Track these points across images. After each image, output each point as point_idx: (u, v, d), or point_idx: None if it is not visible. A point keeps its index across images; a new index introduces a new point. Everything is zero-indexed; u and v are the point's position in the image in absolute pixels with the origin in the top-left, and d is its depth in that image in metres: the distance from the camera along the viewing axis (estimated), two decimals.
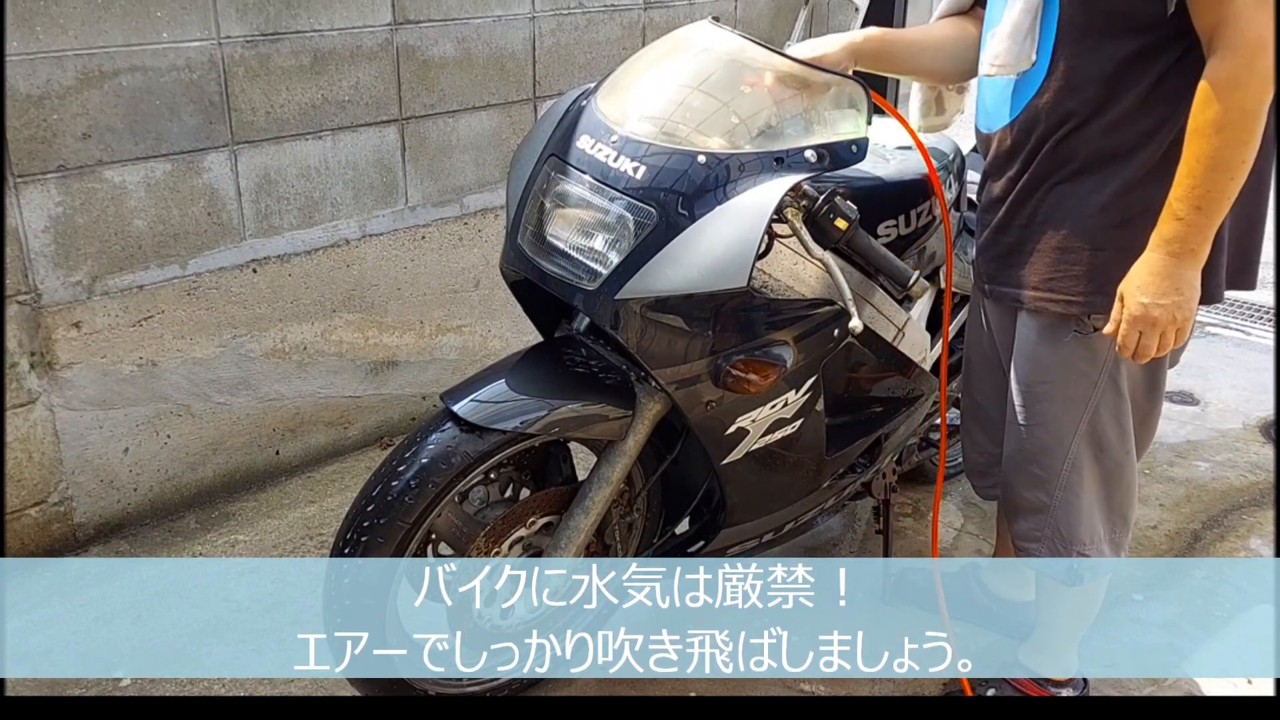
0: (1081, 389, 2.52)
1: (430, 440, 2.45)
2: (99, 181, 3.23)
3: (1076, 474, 2.59)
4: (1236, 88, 2.09)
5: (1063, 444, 2.58)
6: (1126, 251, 2.31)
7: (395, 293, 4.06)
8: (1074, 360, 2.50)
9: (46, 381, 3.28)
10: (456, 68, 4.00)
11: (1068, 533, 2.65)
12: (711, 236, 2.25)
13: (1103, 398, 2.51)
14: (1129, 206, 2.32)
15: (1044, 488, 2.65)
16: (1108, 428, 2.55)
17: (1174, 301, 2.22)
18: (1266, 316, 5.67)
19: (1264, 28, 2.06)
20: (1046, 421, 2.59)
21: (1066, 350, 2.50)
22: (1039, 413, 2.60)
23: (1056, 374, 2.54)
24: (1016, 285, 2.52)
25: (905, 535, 3.69)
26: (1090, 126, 2.31)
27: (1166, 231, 2.20)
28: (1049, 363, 2.54)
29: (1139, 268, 2.25)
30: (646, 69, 2.58)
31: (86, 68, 3.12)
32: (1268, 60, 2.08)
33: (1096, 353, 2.46)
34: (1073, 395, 2.53)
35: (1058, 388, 2.55)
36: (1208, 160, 2.13)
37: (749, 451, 2.65)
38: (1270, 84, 2.11)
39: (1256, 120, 2.12)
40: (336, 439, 4.10)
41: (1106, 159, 2.32)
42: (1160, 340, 2.27)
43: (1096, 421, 2.54)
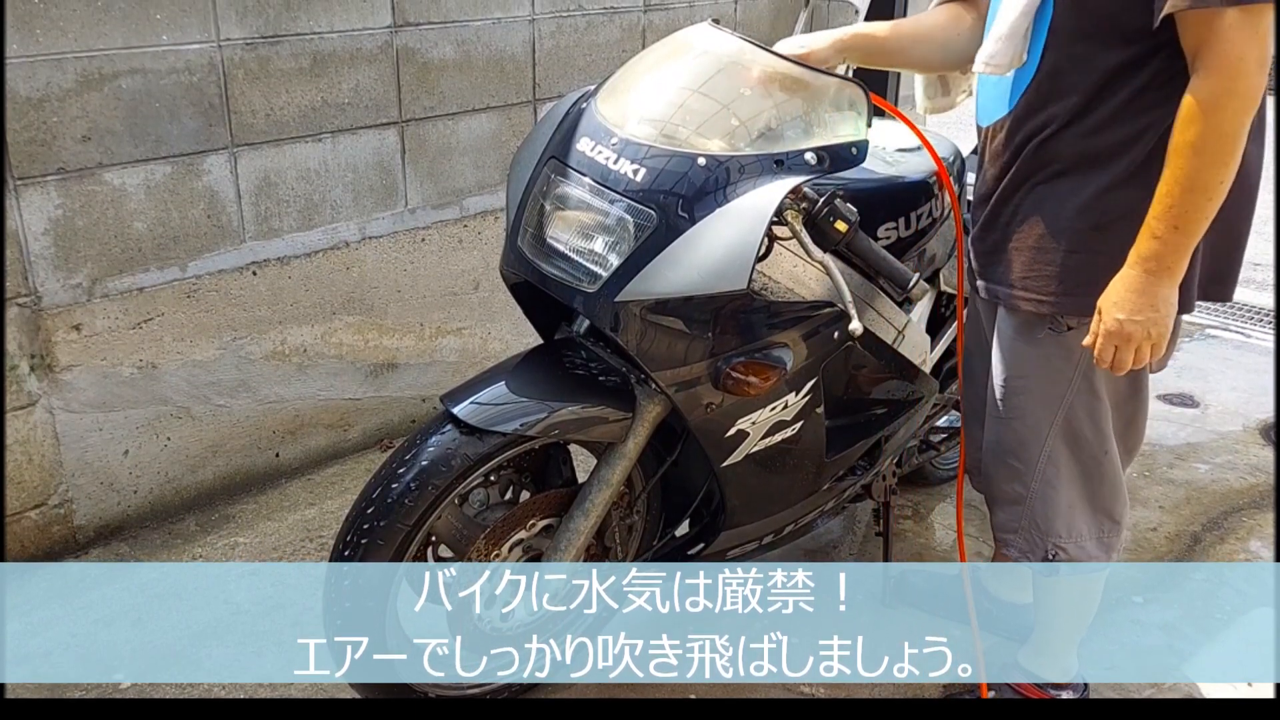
0: (1057, 385, 2.53)
1: (430, 443, 2.45)
2: (99, 184, 3.23)
3: (1053, 467, 2.61)
4: (1216, 109, 2.09)
5: (1039, 437, 2.60)
6: (1102, 255, 2.33)
7: (395, 295, 4.06)
8: (1049, 357, 2.51)
9: (46, 384, 3.28)
10: (456, 70, 4.00)
11: (1044, 524, 2.66)
12: (711, 239, 2.25)
13: (1077, 395, 2.53)
14: (1106, 211, 2.33)
15: (1021, 480, 2.66)
16: (1083, 425, 2.56)
17: (1149, 318, 2.24)
18: (1266, 319, 5.68)
19: (1245, 48, 2.05)
20: (1024, 415, 2.61)
21: (1042, 347, 2.51)
22: (1016, 406, 2.62)
23: (1032, 369, 2.55)
24: (997, 281, 2.54)
25: (905, 538, 3.69)
26: (1072, 129, 2.32)
27: (1144, 249, 2.21)
28: (1026, 358, 2.56)
29: (1117, 284, 2.26)
30: (646, 71, 2.58)
31: (86, 70, 3.12)
32: (1249, 82, 2.08)
33: (1071, 351, 2.47)
34: (1048, 391, 2.55)
35: (1034, 382, 2.56)
36: (1185, 181, 2.13)
37: (749, 454, 2.65)
38: (1251, 105, 2.11)
39: (1235, 142, 2.12)
40: (336, 441, 4.10)
41: (1086, 163, 2.32)
42: (1136, 354, 2.28)
43: (1071, 418, 2.55)
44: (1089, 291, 2.35)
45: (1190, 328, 5.52)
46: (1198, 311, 5.66)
